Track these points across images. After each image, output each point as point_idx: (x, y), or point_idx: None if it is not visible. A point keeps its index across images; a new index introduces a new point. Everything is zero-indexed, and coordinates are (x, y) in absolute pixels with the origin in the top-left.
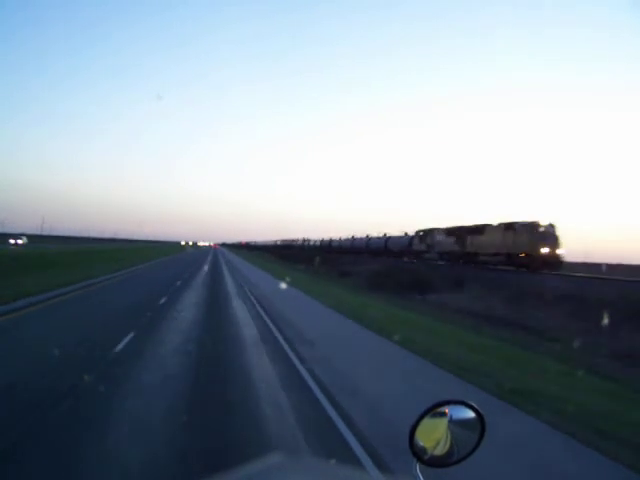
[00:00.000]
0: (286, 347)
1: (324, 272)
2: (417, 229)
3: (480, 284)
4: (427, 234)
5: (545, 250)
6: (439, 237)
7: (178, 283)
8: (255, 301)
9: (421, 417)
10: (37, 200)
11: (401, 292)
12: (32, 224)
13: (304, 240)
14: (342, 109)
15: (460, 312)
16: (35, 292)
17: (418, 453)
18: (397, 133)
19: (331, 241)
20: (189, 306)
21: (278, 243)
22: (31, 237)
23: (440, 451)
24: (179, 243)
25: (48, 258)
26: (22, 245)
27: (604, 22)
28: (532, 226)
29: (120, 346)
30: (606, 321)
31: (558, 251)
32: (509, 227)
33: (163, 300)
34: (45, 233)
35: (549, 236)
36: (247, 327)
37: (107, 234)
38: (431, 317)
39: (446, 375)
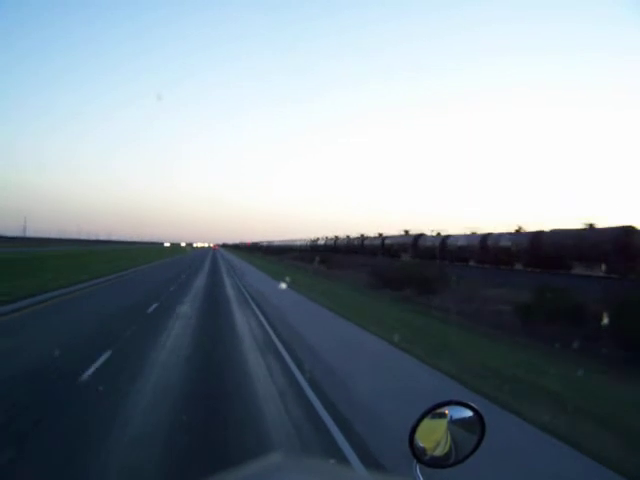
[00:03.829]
0: None
1: None
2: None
3: None
4: None
5: None
6: None
7: None
8: None
9: (421, 418)
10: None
11: None
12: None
13: (412, 236)
14: (342, 107)
15: None
16: None
17: (418, 454)
18: (398, 131)
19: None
20: None
21: (320, 243)
22: None
23: (440, 452)
24: (162, 244)
25: None
26: None
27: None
28: None
29: None
30: None
31: None
32: None
33: None
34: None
35: None
36: None
37: (86, 236)
38: None
39: None
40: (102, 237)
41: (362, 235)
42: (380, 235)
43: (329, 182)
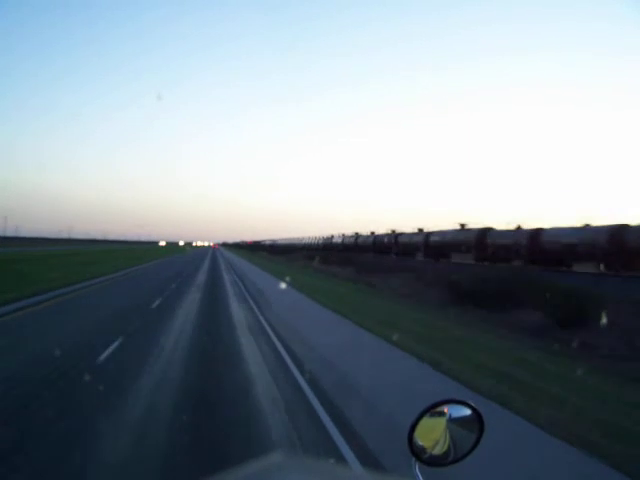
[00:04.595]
0: None
1: None
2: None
3: None
4: None
5: None
6: None
7: None
8: None
9: (420, 416)
10: None
11: None
12: None
13: None
14: (342, 107)
15: None
16: None
17: (417, 452)
18: (398, 130)
19: None
20: None
21: (336, 241)
22: None
23: (439, 450)
24: (157, 243)
25: None
26: None
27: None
28: None
29: None
30: None
31: None
32: None
33: None
34: None
35: None
36: None
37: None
38: None
39: None
40: (98, 237)
41: (393, 231)
42: (420, 230)
43: (329, 181)
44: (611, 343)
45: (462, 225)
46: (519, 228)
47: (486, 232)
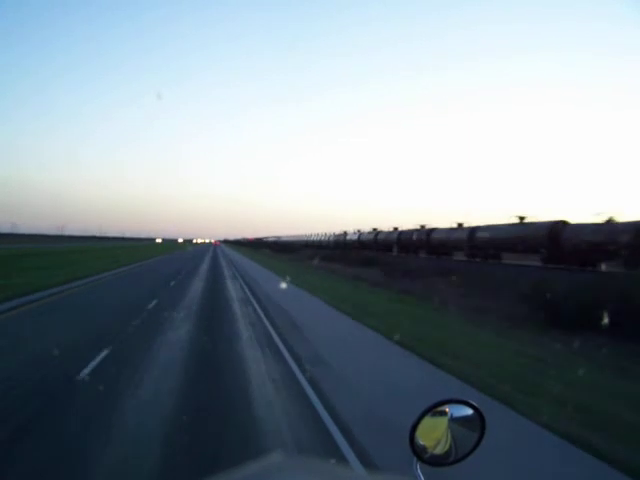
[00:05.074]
0: None
1: None
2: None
3: None
4: None
5: None
6: None
7: None
8: None
9: (422, 416)
10: None
11: None
12: None
13: None
14: (342, 106)
15: None
16: None
17: (419, 452)
18: (398, 130)
19: None
20: None
21: (351, 238)
22: None
23: (440, 450)
24: (154, 240)
25: None
26: None
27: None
28: None
29: None
30: None
31: None
32: None
33: None
34: None
35: None
36: None
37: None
38: None
39: None
40: (96, 233)
41: (423, 226)
42: (460, 225)
43: (329, 180)
44: None
45: (521, 218)
46: (610, 221)
47: (561, 226)
